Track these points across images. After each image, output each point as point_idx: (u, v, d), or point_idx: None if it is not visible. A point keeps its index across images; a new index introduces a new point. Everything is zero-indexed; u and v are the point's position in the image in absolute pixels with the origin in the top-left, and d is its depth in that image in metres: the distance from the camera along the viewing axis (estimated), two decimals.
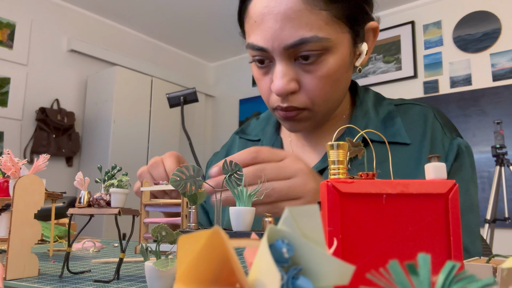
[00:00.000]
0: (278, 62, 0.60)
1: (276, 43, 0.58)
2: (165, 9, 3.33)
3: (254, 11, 0.60)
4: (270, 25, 0.58)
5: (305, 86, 0.61)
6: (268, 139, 0.79)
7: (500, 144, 2.25)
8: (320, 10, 0.57)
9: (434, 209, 0.26)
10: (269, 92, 0.64)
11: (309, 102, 0.62)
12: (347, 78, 0.65)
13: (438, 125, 0.68)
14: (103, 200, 0.46)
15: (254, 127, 0.86)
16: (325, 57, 0.59)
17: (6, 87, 2.84)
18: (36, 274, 0.47)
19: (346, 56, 0.62)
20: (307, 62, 0.59)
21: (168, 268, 0.37)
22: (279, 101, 0.62)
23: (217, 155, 0.93)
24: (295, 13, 0.57)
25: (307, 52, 0.58)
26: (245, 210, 0.40)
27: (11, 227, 0.45)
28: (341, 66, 0.61)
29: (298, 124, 0.66)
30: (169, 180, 0.42)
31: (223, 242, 0.15)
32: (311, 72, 0.60)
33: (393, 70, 3.22)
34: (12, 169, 0.49)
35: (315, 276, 0.16)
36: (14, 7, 2.92)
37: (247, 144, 0.83)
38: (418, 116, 0.69)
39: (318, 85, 0.60)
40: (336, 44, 0.59)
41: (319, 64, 0.59)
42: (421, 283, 0.15)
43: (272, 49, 0.59)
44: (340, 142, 0.27)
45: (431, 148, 0.65)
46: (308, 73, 0.60)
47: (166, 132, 3.46)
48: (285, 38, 0.57)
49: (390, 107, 0.71)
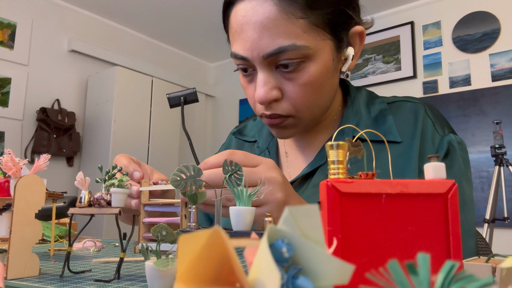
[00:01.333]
0: (260, 70, 0.61)
1: (255, 52, 0.59)
2: (165, 9, 3.33)
3: (234, 20, 0.61)
4: (249, 35, 0.58)
5: (287, 94, 0.61)
6: (264, 140, 0.80)
7: (499, 144, 2.25)
8: (298, 19, 0.57)
9: (433, 209, 0.26)
10: (254, 99, 0.65)
11: (293, 110, 0.62)
12: (331, 84, 0.65)
13: (429, 121, 0.67)
14: (104, 200, 0.46)
15: (251, 128, 0.87)
16: (306, 64, 0.59)
17: (7, 87, 2.84)
18: (37, 273, 0.47)
19: (328, 62, 0.61)
20: (288, 70, 0.59)
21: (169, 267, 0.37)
22: (263, 109, 0.63)
23: None
24: (272, 22, 0.57)
25: (286, 61, 0.58)
26: (245, 210, 0.41)
27: (12, 227, 0.45)
28: (323, 73, 0.61)
29: (284, 131, 0.66)
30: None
31: (223, 242, 0.15)
32: (292, 80, 0.60)
33: (393, 71, 3.22)
34: (13, 169, 0.49)
35: (315, 276, 0.16)
36: (14, 8, 2.92)
37: (243, 145, 0.84)
38: (409, 112, 0.69)
39: (300, 93, 0.60)
40: (317, 51, 0.59)
41: (299, 72, 0.60)
42: (420, 282, 0.15)
43: (252, 58, 0.59)
44: (340, 142, 0.28)
45: (421, 145, 0.65)
46: (290, 81, 0.60)
47: (166, 132, 3.46)
48: (263, 47, 0.58)
49: (382, 105, 0.71)
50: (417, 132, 0.66)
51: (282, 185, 0.52)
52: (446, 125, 0.69)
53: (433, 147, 0.65)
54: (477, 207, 2.62)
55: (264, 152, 0.78)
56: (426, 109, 0.69)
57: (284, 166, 0.76)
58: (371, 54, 3.35)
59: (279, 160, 0.77)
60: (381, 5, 3.24)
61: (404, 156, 0.65)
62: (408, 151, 0.65)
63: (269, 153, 0.77)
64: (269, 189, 0.50)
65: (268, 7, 0.57)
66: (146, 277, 0.39)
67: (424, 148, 0.65)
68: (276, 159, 0.76)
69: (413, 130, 0.67)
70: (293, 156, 0.76)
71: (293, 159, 0.75)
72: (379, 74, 3.28)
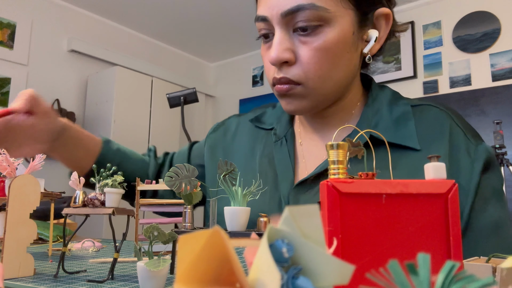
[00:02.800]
0: (277, 31, 0.61)
1: (274, 10, 0.59)
2: (165, 9, 3.33)
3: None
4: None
5: (300, 59, 0.60)
6: (282, 128, 0.76)
7: (499, 144, 2.25)
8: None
9: (433, 209, 0.26)
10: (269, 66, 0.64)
11: (303, 76, 0.61)
12: (348, 59, 0.62)
13: (458, 130, 0.63)
14: (98, 200, 0.46)
15: (269, 116, 0.82)
16: (323, 29, 0.59)
17: (7, 87, 2.84)
18: (31, 273, 0.46)
19: (347, 33, 0.60)
20: (305, 33, 0.59)
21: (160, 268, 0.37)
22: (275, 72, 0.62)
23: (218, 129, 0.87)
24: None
25: (304, 23, 0.58)
26: (240, 210, 0.40)
27: (6, 227, 0.45)
28: (340, 42, 0.60)
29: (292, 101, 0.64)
30: None
31: (223, 242, 0.15)
32: (307, 43, 0.60)
33: (393, 70, 3.22)
34: (8, 169, 0.49)
35: (315, 276, 0.16)
36: (14, 8, 2.92)
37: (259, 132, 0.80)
38: (434, 120, 0.65)
39: (313, 58, 0.60)
40: (336, 17, 0.59)
41: (316, 35, 0.59)
42: (420, 282, 0.15)
43: (271, 17, 0.60)
44: (340, 142, 0.27)
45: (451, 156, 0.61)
46: (305, 45, 0.60)
47: (166, 132, 3.46)
48: (283, 4, 0.58)
49: (406, 107, 0.67)
50: (444, 141, 0.62)
51: None
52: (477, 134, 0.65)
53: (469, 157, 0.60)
54: None
55: (281, 140, 0.74)
56: (454, 118, 0.65)
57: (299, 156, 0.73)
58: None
59: (295, 150, 0.73)
60: None
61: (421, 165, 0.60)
62: None
63: (286, 142, 0.73)
64: None
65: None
66: (138, 278, 0.39)
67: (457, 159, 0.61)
68: (292, 149, 0.73)
69: (437, 139, 0.62)
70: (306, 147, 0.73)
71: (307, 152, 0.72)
72: (379, 74, 3.28)
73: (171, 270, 0.46)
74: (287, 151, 0.72)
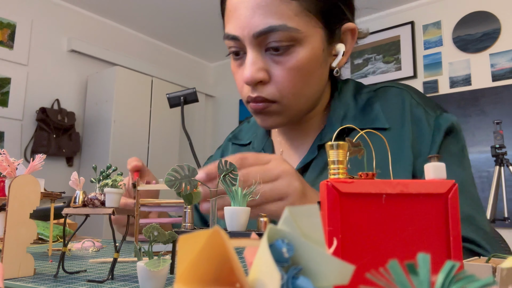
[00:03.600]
0: (249, 51, 0.61)
1: (246, 30, 0.59)
2: (165, 9, 3.33)
3: (230, 1, 0.63)
4: (242, 13, 0.60)
5: (274, 78, 0.61)
6: (259, 141, 0.80)
7: (499, 144, 2.25)
8: (291, 0, 0.58)
9: (433, 209, 0.26)
10: (242, 84, 0.65)
11: (278, 94, 0.62)
12: (320, 75, 0.65)
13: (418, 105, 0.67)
14: (98, 200, 0.46)
15: (246, 132, 0.87)
16: (295, 49, 0.60)
17: (7, 87, 2.84)
18: (31, 274, 0.46)
19: (318, 51, 0.62)
20: (277, 53, 0.60)
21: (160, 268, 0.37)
22: (250, 91, 0.63)
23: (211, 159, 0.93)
24: (265, 1, 0.58)
25: (276, 43, 0.59)
26: (240, 210, 0.40)
27: (6, 227, 0.45)
28: (312, 60, 0.61)
29: (268, 118, 0.66)
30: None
31: (223, 242, 0.15)
32: (280, 63, 0.61)
33: (393, 70, 3.22)
34: (8, 169, 0.49)
35: (315, 276, 0.16)
36: (14, 7, 2.92)
37: (240, 149, 0.84)
38: (395, 97, 0.69)
39: (287, 77, 0.61)
40: (307, 37, 0.60)
41: (288, 55, 0.60)
42: (420, 282, 0.15)
43: (243, 37, 0.60)
44: (340, 142, 0.27)
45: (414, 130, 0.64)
46: (278, 64, 0.61)
47: (166, 132, 3.46)
48: (254, 25, 0.59)
49: (369, 94, 0.71)
50: (406, 118, 0.66)
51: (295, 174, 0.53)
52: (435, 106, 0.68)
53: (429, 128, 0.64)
54: None
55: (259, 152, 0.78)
56: (412, 95, 0.69)
57: None
58: (371, 54, 3.35)
59: None
60: (381, 5, 3.24)
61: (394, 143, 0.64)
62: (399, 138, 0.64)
63: None
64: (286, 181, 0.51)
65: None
66: (138, 278, 0.39)
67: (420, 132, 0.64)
68: None
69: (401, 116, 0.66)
70: (287, 154, 0.76)
71: (287, 157, 0.76)
72: (379, 74, 3.28)
73: (171, 270, 0.47)
74: None
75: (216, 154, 0.92)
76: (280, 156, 0.56)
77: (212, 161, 0.91)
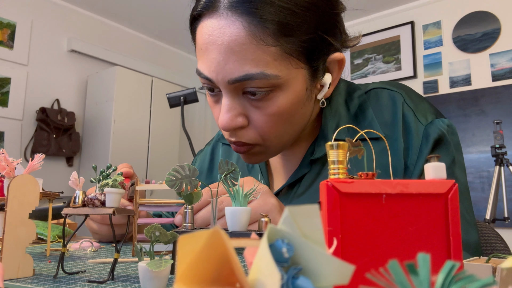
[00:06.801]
0: (225, 95, 0.56)
1: (220, 76, 0.53)
2: (165, 9, 3.33)
3: (200, 37, 0.55)
4: (214, 56, 0.53)
5: (254, 122, 0.57)
6: None
7: (499, 144, 2.25)
8: (268, 46, 0.51)
9: (433, 209, 0.26)
10: None
11: (260, 138, 0.58)
12: (303, 113, 0.60)
13: (409, 111, 0.63)
14: (98, 200, 0.45)
15: None
16: (275, 94, 0.54)
17: (7, 87, 2.84)
18: (30, 274, 0.46)
19: (300, 92, 0.56)
20: (255, 98, 0.54)
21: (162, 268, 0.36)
22: (229, 135, 0.59)
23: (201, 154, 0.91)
24: (239, 46, 0.51)
25: (253, 89, 0.53)
26: (241, 210, 0.40)
27: (5, 227, 0.45)
28: (294, 104, 0.56)
29: (252, 157, 0.62)
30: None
31: (223, 242, 0.15)
32: (259, 108, 0.55)
33: (393, 70, 3.22)
34: (7, 169, 0.49)
35: (315, 276, 0.16)
36: (14, 7, 2.92)
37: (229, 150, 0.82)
38: (388, 101, 0.65)
39: (267, 123, 0.56)
40: (288, 80, 0.54)
41: (268, 101, 0.54)
42: (420, 282, 0.15)
43: (217, 81, 0.54)
44: (340, 142, 0.27)
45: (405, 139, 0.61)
46: (257, 109, 0.56)
47: (166, 132, 3.46)
48: (229, 72, 0.52)
49: (360, 98, 0.66)
50: (398, 125, 0.62)
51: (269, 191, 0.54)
52: (428, 111, 0.64)
53: (418, 138, 0.61)
54: (477, 207, 2.62)
55: None
56: (405, 99, 0.64)
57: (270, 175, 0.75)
58: (371, 54, 3.35)
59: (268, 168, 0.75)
60: (381, 5, 3.24)
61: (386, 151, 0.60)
62: (391, 145, 0.62)
63: None
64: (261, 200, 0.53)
65: (236, 30, 0.51)
66: (139, 278, 0.38)
67: (409, 142, 0.61)
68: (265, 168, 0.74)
69: (393, 122, 0.63)
70: (278, 165, 0.74)
71: (278, 168, 0.73)
72: (379, 74, 3.28)
73: (171, 270, 0.47)
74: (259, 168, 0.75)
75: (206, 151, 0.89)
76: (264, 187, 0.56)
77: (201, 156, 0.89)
